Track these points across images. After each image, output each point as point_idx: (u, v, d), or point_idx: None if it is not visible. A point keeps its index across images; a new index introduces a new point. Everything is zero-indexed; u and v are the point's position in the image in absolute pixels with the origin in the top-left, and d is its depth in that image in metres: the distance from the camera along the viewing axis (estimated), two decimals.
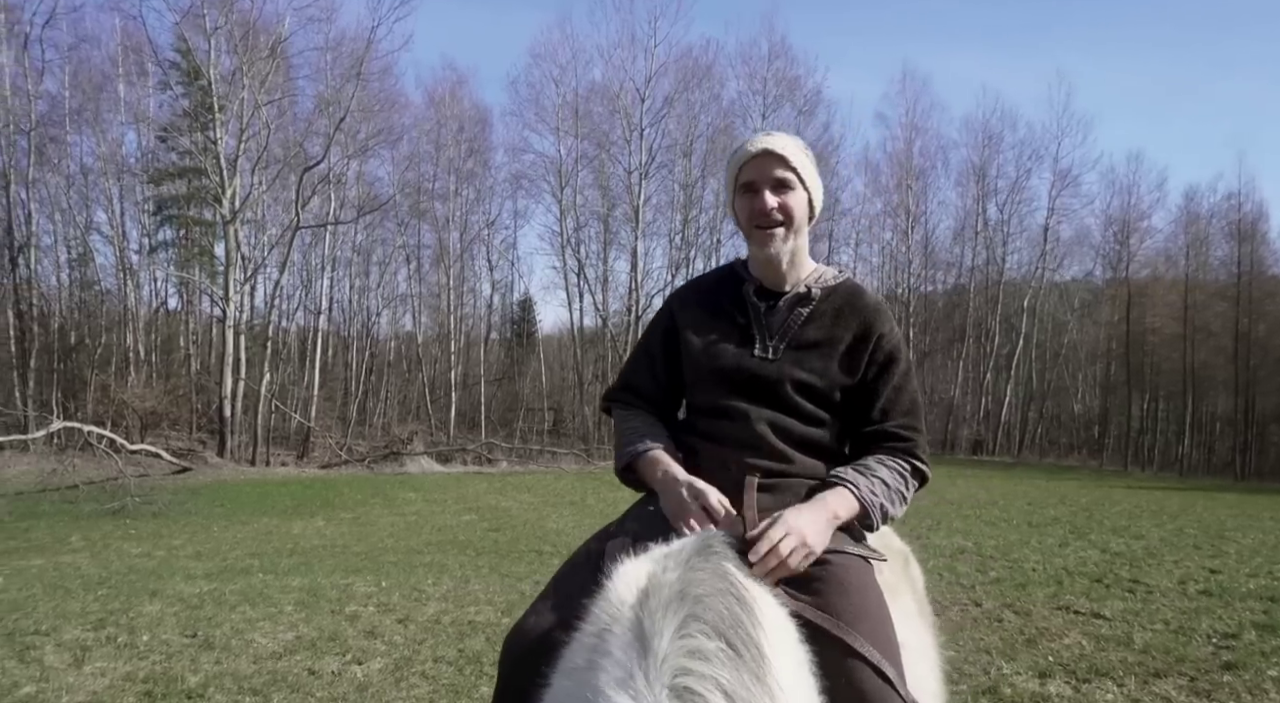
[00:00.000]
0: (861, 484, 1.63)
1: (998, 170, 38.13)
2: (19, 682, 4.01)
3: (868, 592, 1.53)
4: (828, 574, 1.51)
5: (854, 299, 1.78)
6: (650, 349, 1.89)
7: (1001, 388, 37.82)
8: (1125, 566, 7.48)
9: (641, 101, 32.51)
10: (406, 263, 36.11)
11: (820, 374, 1.70)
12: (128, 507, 13.08)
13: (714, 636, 1.12)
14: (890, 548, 1.99)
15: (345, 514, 13.12)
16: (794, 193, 1.75)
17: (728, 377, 1.74)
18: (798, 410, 1.70)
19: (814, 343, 1.73)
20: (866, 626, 1.43)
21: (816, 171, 1.82)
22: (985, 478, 21.57)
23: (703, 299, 1.86)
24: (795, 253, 1.79)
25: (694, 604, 1.17)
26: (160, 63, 28.55)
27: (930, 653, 1.87)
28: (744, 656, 1.12)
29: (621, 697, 1.05)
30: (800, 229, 1.78)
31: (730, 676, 1.08)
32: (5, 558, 8.95)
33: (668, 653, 1.09)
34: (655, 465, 1.69)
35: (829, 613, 1.43)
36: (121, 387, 25.08)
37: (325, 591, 6.30)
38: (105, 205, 29.69)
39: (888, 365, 1.73)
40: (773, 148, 1.74)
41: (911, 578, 2.01)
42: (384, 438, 27.73)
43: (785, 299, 1.79)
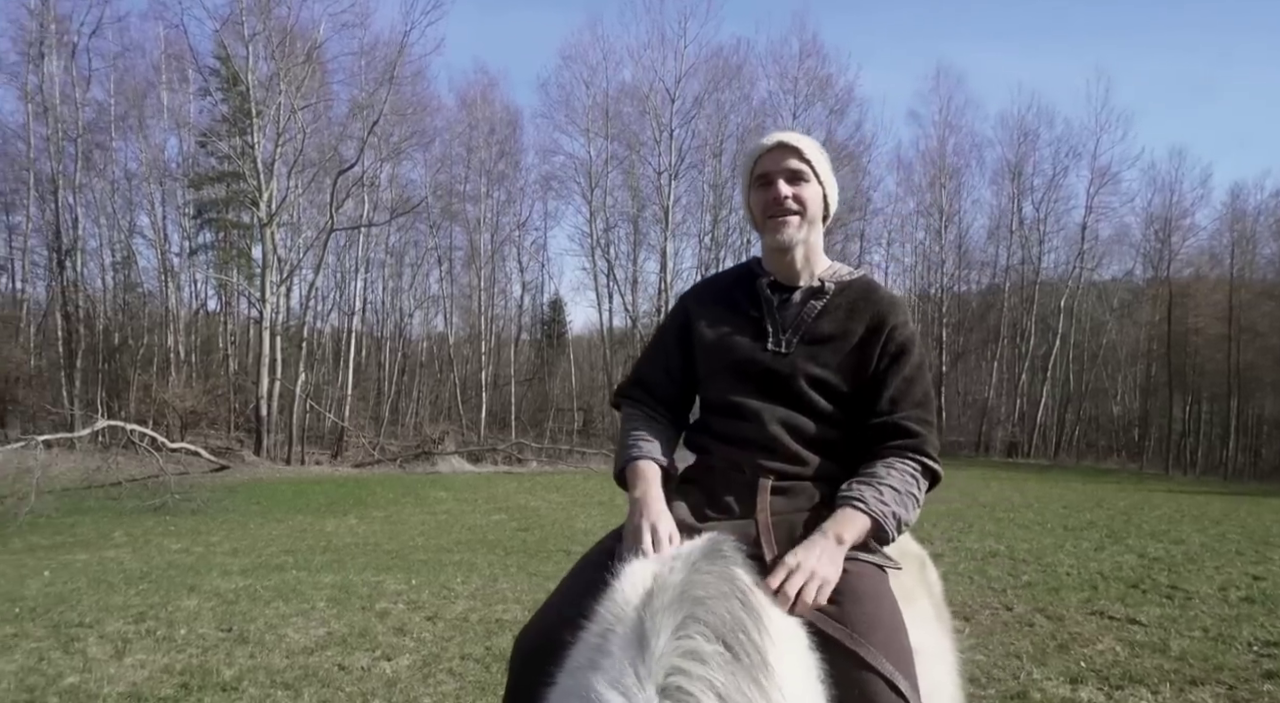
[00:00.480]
0: (869, 497, 1.59)
1: (1034, 168, 37.54)
2: (63, 672, 4.14)
3: (882, 600, 1.51)
4: (842, 583, 1.49)
5: (868, 293, 1.77)
6: (665, 345, 1.88)
7: (1037, 389, 37.17)
8: (1164, 571, 7.31)
9: (671, 102, 32.52)
10: (438, 264, 36.55)
11: (833, 369, 1.69)
12: (168, 504, 13.41)
13: (712, 638, 1.12)
14: (906, 552, 1.97)
15: (377, 513, 13.31)
16: (808, 185, 1.75)
17: (741, 371, 1.73)
18: (811, 407, 1.68)
19: (827, 337, 1.71)
20: (880, 635, 1.41)
21: (831, 171, 1.81)
22: (1020, 480, 21.22)
23: (717, 295, 1.86)
24: (809, 247, 1.78)
25: (694, 606, 1.17)
26: (201, 69, 29.26)
27: (948, 657, 1.85)
28: (743, 660, 1.12)
29: (613, 695, 1.06)
30: (814, 222, 1.77)
31: (725, 679, 1.08)
32: (52, 553, 9.24)
33: (663, 653, 1.09)
34: (637, 481, 1.68)
35: (842, 622, 1.42)
36: (163, 386, 25.73)
37: (356, 588, 6.40)
38: (148, 209, 30.50)
39: (899, 357, 1.70)
40: (787, 141, 1.75)
41: (929, 582, 2.00)
42: (416, 438, 28.06)
43: (799, 293, 1.77)
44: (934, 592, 2.00)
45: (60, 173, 26.97)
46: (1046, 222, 37.51)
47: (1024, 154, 37.40)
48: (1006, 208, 38.40)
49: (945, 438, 32.29)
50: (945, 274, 38.53)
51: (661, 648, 1.10)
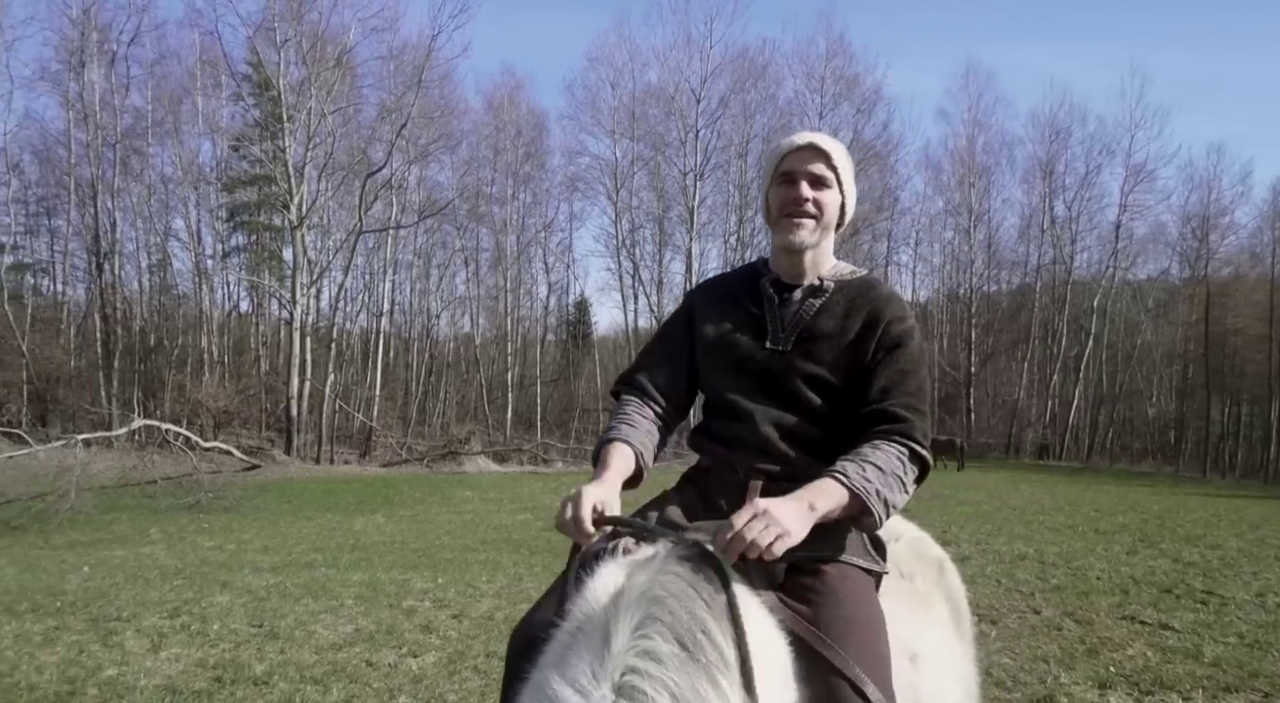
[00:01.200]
0: (851, 471, 1.54)
1: (1066, 166, 37.02)
2: (103, 664, 4.25)
3: (860, 603, 1.50)
4: (823, 585, 1.49)
5: (868, 291, 1.76)
6: (668, 339, 1.89)
7: (1069, 390, 36.59)
8: (1198, 576, 7.17)
9: (697, 103, 32.52)
10: (465, 265, 36.89)
11: (828, 365, 1.68)
12: (202, 502, 13.68)
13: (670, 638, 1.13)
14: (924, 556, 1.96)
15: (405, 512, 13.46)
16: (830, 191, 1.75)
17: (739, 369, 1.74)
18: (806, 406, 1.68)
19: (825, 334, 1.71)
20: (854, 639, 1.40)
21: (854, 179, 1.81)
22: (1051, 483, 20.90)
23: (722, 293, 1.86)
24: (819, 251, 1.78)
25: (653, 605, 1.17)
26: (234, 75, 29.82)
27: (960, 664, 1.82)
28: (700, 660, 1.12)
29: (569, 693, 1.08)
30: (828, 228, 1.77)
31: (680, 679, 1.08)
32: (91, 549, 9.46)
33: (620, 653, 1.11)
34: (601, 461, 1.68)
35: (818, 624, 1.42)
36: (196, 387, 26.21)
37: (384, 586, 6.49)
38: (183, 213, 31.15)
39: (894, 349, 1.68)
40: (818, 143, 1.74)
41: (948, 587, 1.96)
42: (442, 438, 28.31)
43: (800, 291, 1.77)
44: (953, 597, 1.96)
45: (99, 178, 27.63)
46: (1079, 220, 36.96)
47: (1056, 152, 36.91)
48: (1037, 207, 37.92)
49: (974, 439, 31.70)
50: (974, 274, 38.11)
51: (619, 647, 1.12)
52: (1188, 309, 36.98)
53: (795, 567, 1.54)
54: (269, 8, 25.69)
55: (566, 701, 1.08)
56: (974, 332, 37.35)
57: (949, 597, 1.93)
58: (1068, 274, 36.92)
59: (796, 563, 1.54)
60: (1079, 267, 37.53)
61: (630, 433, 1.72)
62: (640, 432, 1.75)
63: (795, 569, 1.54)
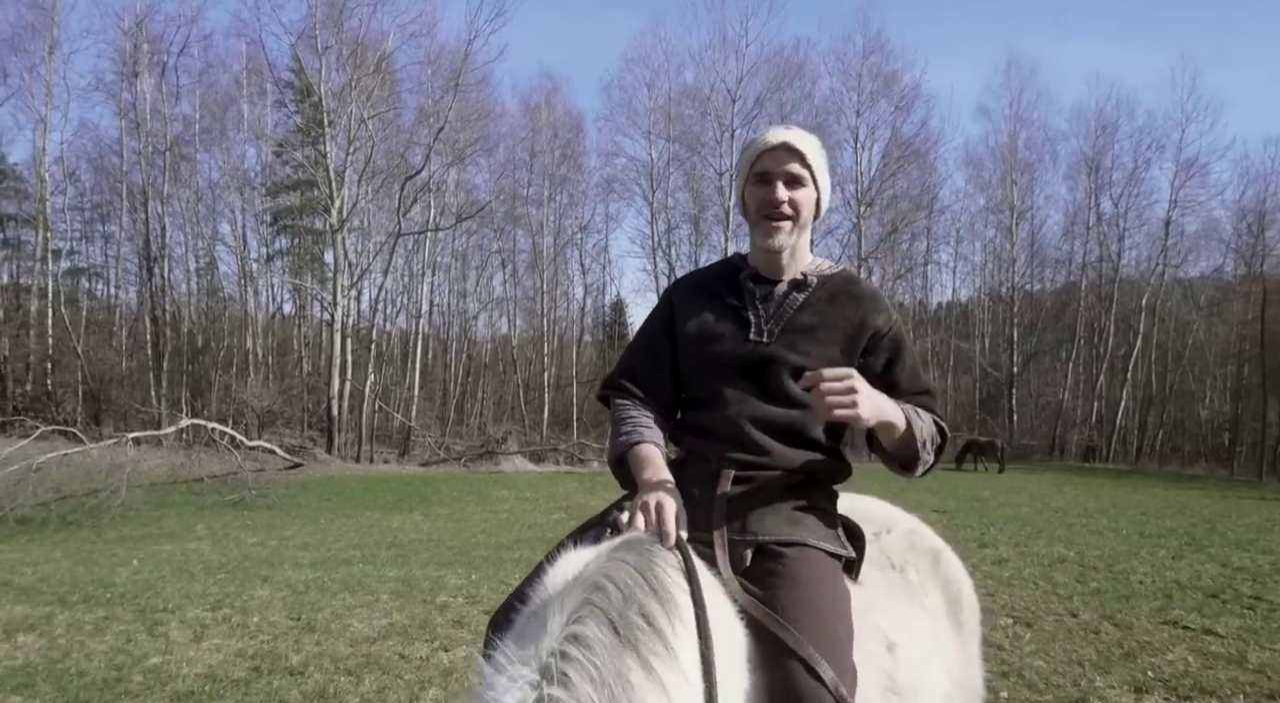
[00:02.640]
0: (907, 409, 1.65)
1: (1113, 161, 36.01)
2: (148, 653, 4.40)
3: (820, 585, 1.50)
4: (783, 568, 1.51)
5: (848, 287, 1.80)
6: (650, 338, 1.88)
7: (1116, 391, 35.65)
8: (1247, 581, 6.96)
9: (732, 102, 32.40)
10: (502, 267, 37.24)
11: (814, 358, 1.69)
12: (246, 499, 14.02)
13: (602, 623, 1.15)
14: (918, 548, 1.95)
15: (442, 510, 13.64)
16: (805, 190, 1.76)
17: (722, 361, 1.74)
18: (788, 398, 1.69)
19: (808, 327, 1.73)
20: (811, 621, 1.41)
21: (828, 171, 1.83)
22: (1096, 486, 20.40)
23: (700, 288, 1.87)
24: (797, 248, 1.81)
25: (593, 591, 1.20)
26: (277, 82, 30.52)
27: (952, 655, 1.80)
28: (632, 645, 1.14)
29: (500, 679, 1.11)
30: (805, 226, 1.79)
31: (605, 663, 1.10)
32: (140, 544, 9.77)
33: (553, 636, 1.14)
34: (643, 465, 1.65)
35: (775, 607, 1.43)
36: (241, 387, 26.87)
37: (419, 582, 6.60)
38: (229, 217, 31.99)
39: (897, 351, 1.76)
40: (791, 142, 1.74)
41: (945, 578, 1.95)
42: (480, 437, 28.60)
43: (781, 286, 1.79)
44: (951, 589, 1.94)
45: (150, 184, 28.49)
46: (1126, 217, 35.98)
47: (1102, 147, 35.96)
48: (1083, 203, 37.00)
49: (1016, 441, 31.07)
50: (1017, 273, 37.31)
51: (553, 631, 1.15)
52: (1243, 307, 35.74)
53: (760, 551, 1.58)
54: (311, 15, 26.30)
55: (492, 681, 1.11)
56: (1016, 331, 36.61)
57: (944, 588, 1.92)
58: (1115, 272, 35.96)
59: (762, 547, 1.58)
60: (1127, 264, 36.55)
61: (650, 434, 1.73)
62: (656, 432, 1.75)
63: (760, 553, 1.58)
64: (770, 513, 1.62)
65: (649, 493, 1.52)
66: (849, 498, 2.17)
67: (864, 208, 33.66)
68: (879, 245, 34.85)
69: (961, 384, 39.68)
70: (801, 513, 1.65)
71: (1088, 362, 37.22)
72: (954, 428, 35.49)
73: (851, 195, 34.52)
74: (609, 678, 1.09)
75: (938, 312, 42.53)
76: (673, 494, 1.53)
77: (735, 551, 1.57)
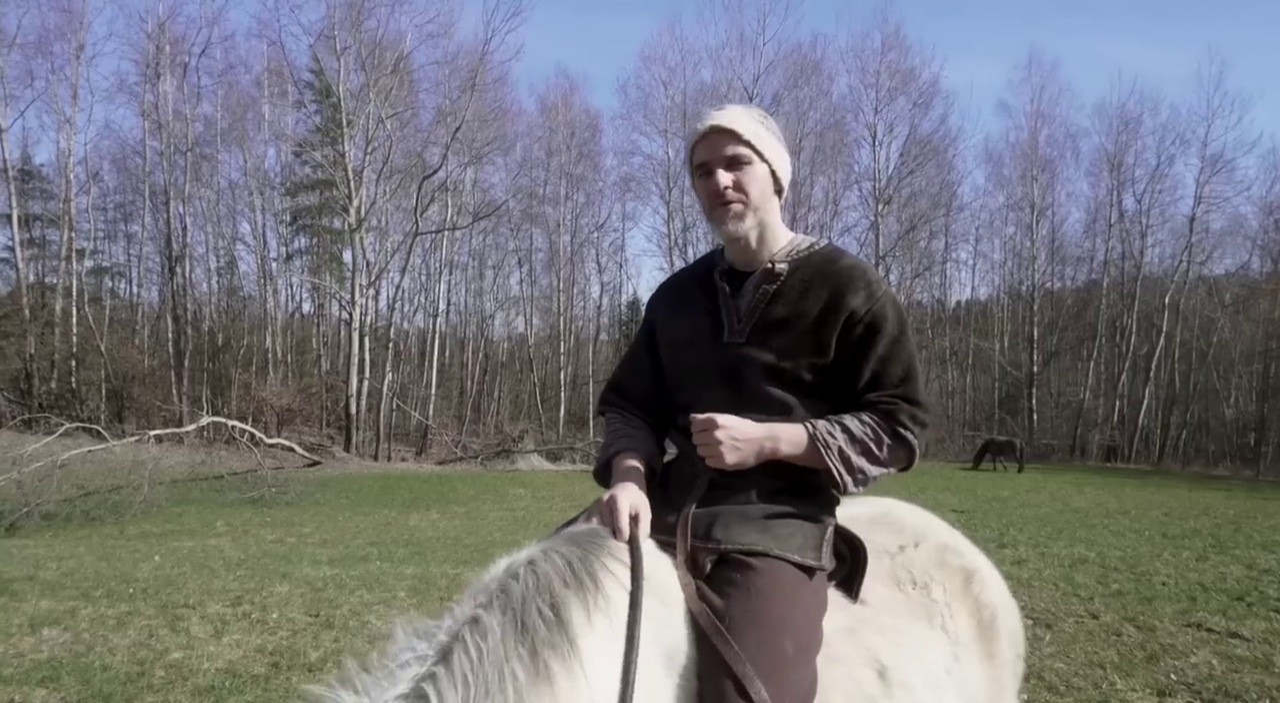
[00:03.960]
0: (820, 426, 1.55)
1: (1135, 158, 35.53)
2: (169, 648, 4.46)
3: (774, 599, 1.43)
4: (740, 577, 1.46)
5: (825, 266, 1.64)
6: (637, 351, 1.85)
7: (1139, 390, 35.21)
8: (1273, 584, 6.85)
9: (750, 100, 32.28)
10: (519, 266, 37.36)
11: (789, 355, 1.60)
12: (265, 496, 14.15)
13: (502, 611, 1.16)
14: (948, 565, 1.82)
15: (458, 508, 13.70)
16: (750, 168, 1.63)
17: (698, 367, 1.68)
18: (764, 399, 1.61)
19: (780, 321, 1.62)
20: (755, 636, 1.37)
21: (779, 140, 1.68)
22: (1117, 486, 20.16)
23: (676, 294, 1.81)
24: (763, 229, 1.68)
25: (510, 579, 1.22)
26: (297, 83, 30.77)
27: (969, 687, 1.68)
28: (531, 635, 1.14)
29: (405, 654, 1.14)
30: (762, 205, 1.65)
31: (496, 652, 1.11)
32: (161, 540, 9.89)
33: (458, 619, 1.17)
34: (616, 474, 1.64)
35: (723, 618, 1.39)
36: (261, 385, 27.15)
37: (436, 579, 6.63)
38: (249, 217, 32.29)
39: (869, 337, 1.59)
40: (722, 123, 1.61)
41: (976, 601, 1.81)
42: (496, 436, 28.71)
43: (752, 279, 1.68)
44: (984, 614, 1.80)
45: (171, 184, 28.83)
46: (1149, 214, 35.48)
47: (1125, 143, 35.48)
48: (1105, 200, 36.53)
49: (1036, 440, 30.63)
50: (1037, 270, 36.91)
51: (460, 615, 1.17)
52: (1270, 305, 35.15)
53: (724, 559, 1.51)
54: (329, 16, 26.49)
55: (396, 652, 1.15)
56: (1036, 330, 36.24)
57: (976, 611, 1.79)
58: (1137, 270, 35.51)
59: (725, 556, 1.51)
60: (1149, 262, 36.07)
61: (631, 444, 1.70)
62: (642, 443, 1.72)
63: (723, 562, 1.51)
64: (739, 520, 1.54)
65: (610, 491, 1.52)
66: (884, 504, 2.08)
67: (882, 206, 33.45)
68: (897, 243, 34.62)
69: (980, 383, 39.35)
70: (775, 521, 1.55)
71: (1109, 360, 36.78)
72: (973, 427, 35.56)
73: (869, 193, 34.34)
74: (489, 666, 1.09)
75: (956, 310, 42.19)
76: (632, 493, 1.51)
77: (697, 556, 1.51)
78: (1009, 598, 1.92)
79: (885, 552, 1.82)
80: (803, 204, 34.23)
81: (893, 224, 34.52)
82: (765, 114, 1.69)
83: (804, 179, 34.00)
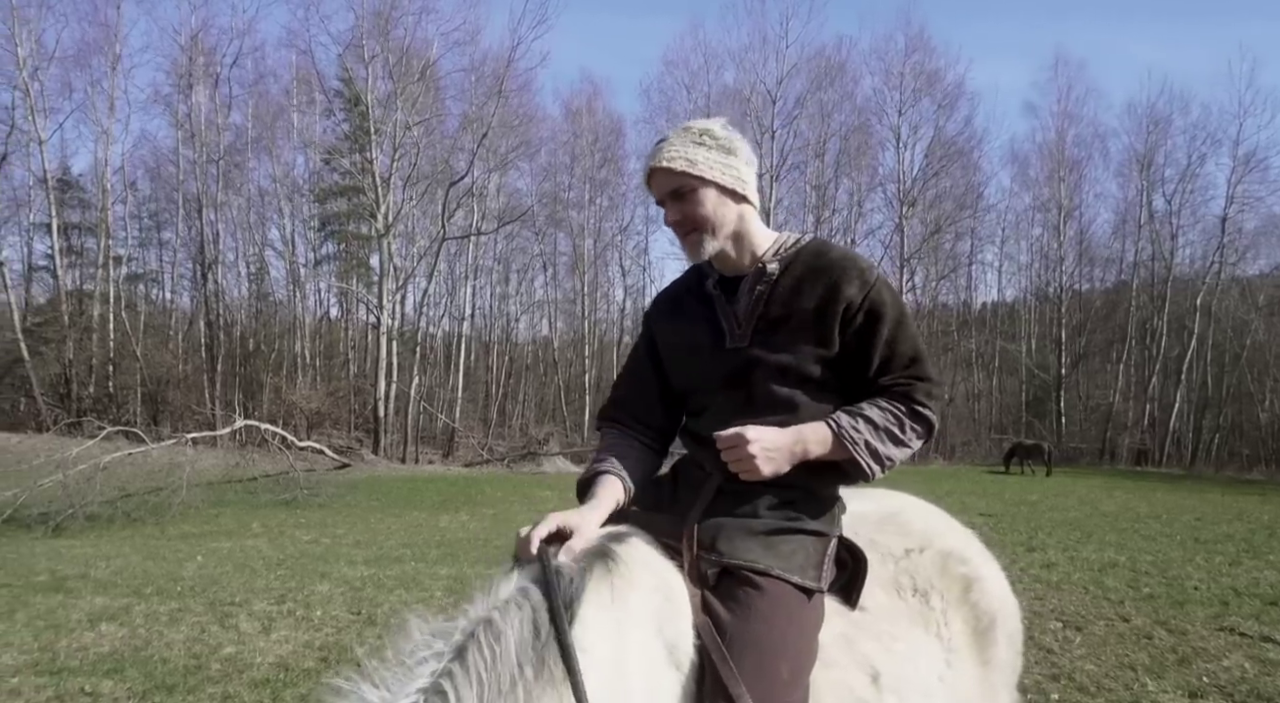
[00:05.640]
0: (843, 420, 1.58)
1: (1166, 157, 35.05)
2: (222, 644, 4.64)
3: (772, 619, 1.47)
4: (742, 594, 1.50)
5: (815, 261, 1.67)
6: (635, 365, 1.86)
7: (1170, 393, 34.68)
8: None
9: (773, 103, 32.33)
10: (543, 270, 37.69)
11: (792, 351, 1.63)
12: (298, 498, 14.41)
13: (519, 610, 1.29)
14: (949, 573, 1.85)
15: (487, 510, 13.87)
16: (695, 194, 1.65)
17: (705, 374, 1.71)
18: (773, 399, 1.63)
19: (780, 319, 1.64)
20: (753, 658, 1.42)
21: (726, 150, 1.67)
22: (1148, 490, 19.91)
23: (672, 305, 1.84)
24: (739, 236, 1.70)
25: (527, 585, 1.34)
26: (326, 91, 31.29)
27: (961, 691, 1.73)
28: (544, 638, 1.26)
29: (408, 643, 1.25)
30: (722, 222, 1.67)
31: (505, 652, 1.22)
32: (201, 540, 10.14)
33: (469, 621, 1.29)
34: (587, 492, 1.68)
35: (724, 633, 1.44)
36: (291, 389, 27.59)
37: (470, 580, 6.73)
38: (278, 223, 32.85)
39: (871, 324, 1.62)
40: (656, 164, 1.65)
41: (974, 608, 1.83)
42: (522, 439, 28.94)
43: (745, 282, 1.70)
44: (981, 621, 1.82)
45: (204, 192, 29.43)
46: (1180, 214, 34.99)
47: (1154, 143, 35.01)
48: (1134, 201, 36.07)
49: (1064, 444, 30.19)
50: (1064, 272, 36.53)
51: (471, 616, 1.30)
52: None
53: (728, 571, 1.54)
54: (358, 25, 26.93)
55: (413, 649, 1.26)
56: (1064, 332, 35.85)
57: (973, 619, 1.81)
58: (1168, 271, 35.00)
59: (729, 570, 1.54)
60: (1180, 263, 35.54)
61: (614, 464, 1.70)
62: (629, 461, 1.72)
63: (727, 574, 1.54)
64: (743, 534, 1.56)
65: (539, 520, 1.54)
66: (895, 501, 2.08)
67: (906, 208, 33.30)
68: (922, 245, 34.44)
69: (1007, 386, 38.96)
70: (779, 537, 1.57)
71: (1139, 363, 36.28)
72: (999, 430, 35.21)
73: (894, 195, 34.20)
74: (501, 666, 1.21)
75: (982, 312, 41.84)
76: (560, 519, 1.54)
77: (701, 566, 1.54)
78: (1011, 601, 1.95)
79: (891, 555, 1.83)
80: (827, 206, 34.20)
81: (917, 226, 34.35)
82: (711, 126, 1.69)
83: (828, 182, 33.98)
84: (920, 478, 18.65)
